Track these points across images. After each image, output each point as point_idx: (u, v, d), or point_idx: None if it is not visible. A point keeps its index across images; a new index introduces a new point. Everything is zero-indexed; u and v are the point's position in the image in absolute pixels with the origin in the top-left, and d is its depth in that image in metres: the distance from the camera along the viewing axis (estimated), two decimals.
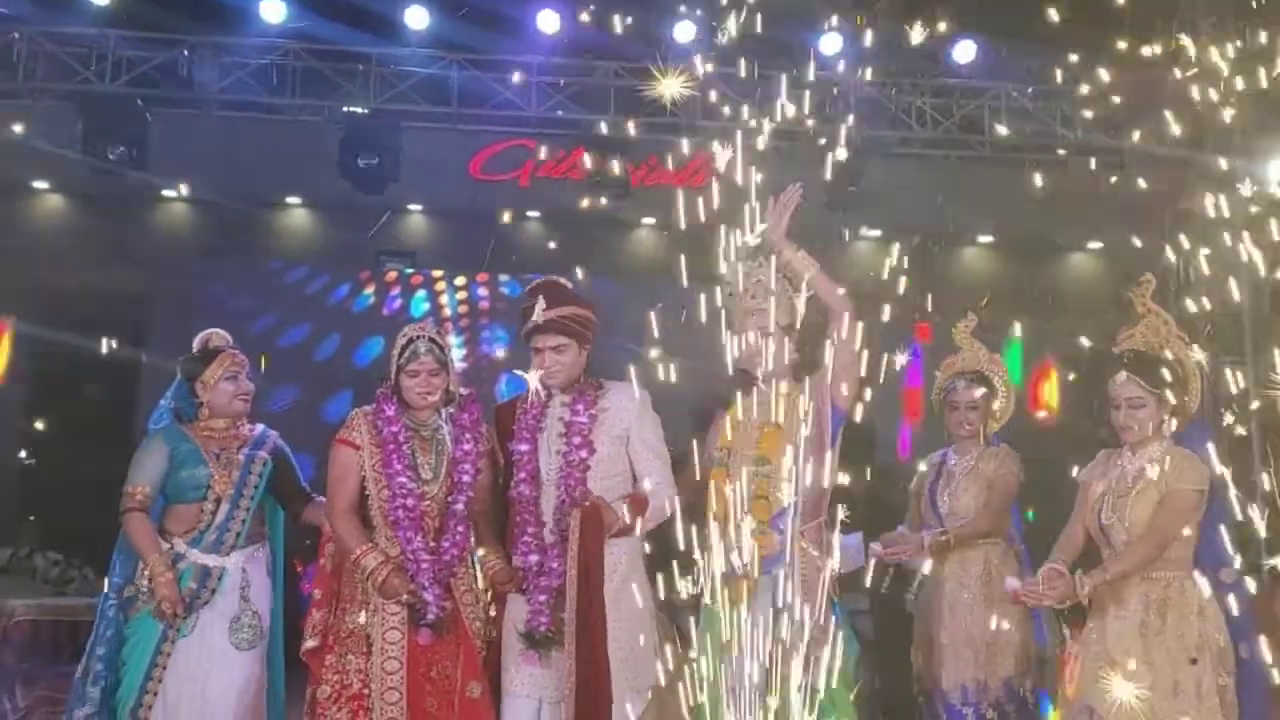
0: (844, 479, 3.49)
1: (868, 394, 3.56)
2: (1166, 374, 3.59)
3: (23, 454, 8.12)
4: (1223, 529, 3.58)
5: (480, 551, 3.66)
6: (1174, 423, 3.62)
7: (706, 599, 3.32)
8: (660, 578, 3.41)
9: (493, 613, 3.67)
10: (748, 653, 3.11)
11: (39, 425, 8.06)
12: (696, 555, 3.20)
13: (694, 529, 3.19)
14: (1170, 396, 3.59)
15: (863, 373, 3.49)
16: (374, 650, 3.47)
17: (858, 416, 3.56)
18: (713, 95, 6.42)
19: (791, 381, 3.58)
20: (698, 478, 3.57)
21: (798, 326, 3.60)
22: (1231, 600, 3.58)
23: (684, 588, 3.32)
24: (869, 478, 3.97)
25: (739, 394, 3.60)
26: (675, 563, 3.34)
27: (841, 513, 3.58)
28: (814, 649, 3.12)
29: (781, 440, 3.48)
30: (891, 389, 6.49)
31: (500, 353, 8.82)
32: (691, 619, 3.52)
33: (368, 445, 3.57)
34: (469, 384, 3.95)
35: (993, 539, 4.28)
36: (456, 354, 7.15)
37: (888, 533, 4.30)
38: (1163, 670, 3.46)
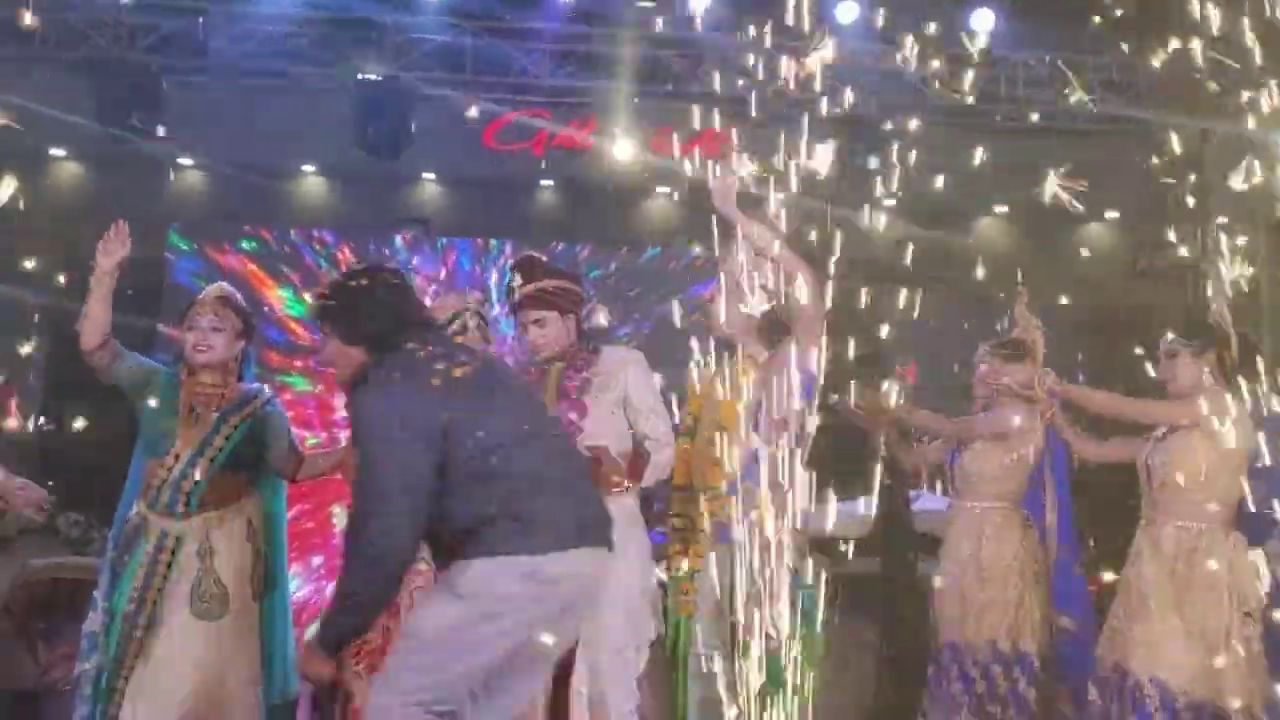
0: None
1: None
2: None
3: (42, 420, 8.20)
4: (1277, 504, 3.70)
5: None
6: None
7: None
8: None
9: None
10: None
11: (59, 389, 8.13)
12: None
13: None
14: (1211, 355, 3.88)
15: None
16: (402, 605, 3.52)
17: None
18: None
19: (756, 350, 3.68)
20: None
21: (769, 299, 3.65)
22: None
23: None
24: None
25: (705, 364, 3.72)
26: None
27: None
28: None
29: (738, 410, 3.55)
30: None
31: None
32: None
33: None
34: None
35: (1001, 502, 4.31)
36: None
37: None
38: (1192, 617, 3.63)
